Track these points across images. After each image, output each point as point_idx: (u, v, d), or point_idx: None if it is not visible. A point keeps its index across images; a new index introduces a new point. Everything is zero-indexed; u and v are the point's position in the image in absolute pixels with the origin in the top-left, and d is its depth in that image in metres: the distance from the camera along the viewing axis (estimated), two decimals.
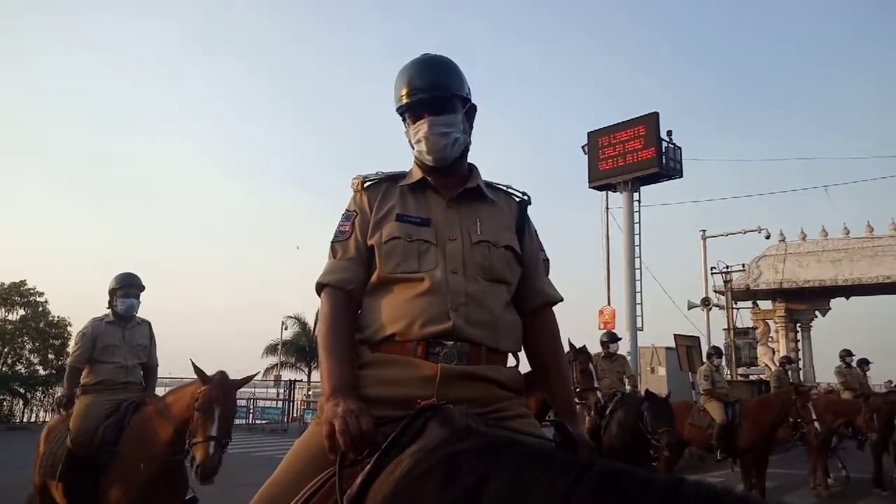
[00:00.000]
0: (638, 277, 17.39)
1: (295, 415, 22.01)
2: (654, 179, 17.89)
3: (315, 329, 1.73)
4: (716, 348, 9.65)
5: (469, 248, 1.66)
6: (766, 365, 23.06)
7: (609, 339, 8.46)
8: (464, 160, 1.80)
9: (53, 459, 4.29)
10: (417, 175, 1.76)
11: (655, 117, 17.65)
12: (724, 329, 22.27)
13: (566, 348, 1.98)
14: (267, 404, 22.84)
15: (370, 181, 1.78)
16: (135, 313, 4.77)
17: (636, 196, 17.83)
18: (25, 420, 19.37)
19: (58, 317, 20.56)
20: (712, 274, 22.75)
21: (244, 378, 4.05)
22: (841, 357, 11.12)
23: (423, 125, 1.70)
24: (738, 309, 23.49)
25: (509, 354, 1.71)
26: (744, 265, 24.08)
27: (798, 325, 25.64)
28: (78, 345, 4.60)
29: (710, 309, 21.93)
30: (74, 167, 76.49)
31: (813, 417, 7.43)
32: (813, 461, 9.15)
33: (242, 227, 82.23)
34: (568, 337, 6.27)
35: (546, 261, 1.86)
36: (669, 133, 17.74)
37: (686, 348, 17.67)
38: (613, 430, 6.74)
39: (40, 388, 19.81)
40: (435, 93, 1.70)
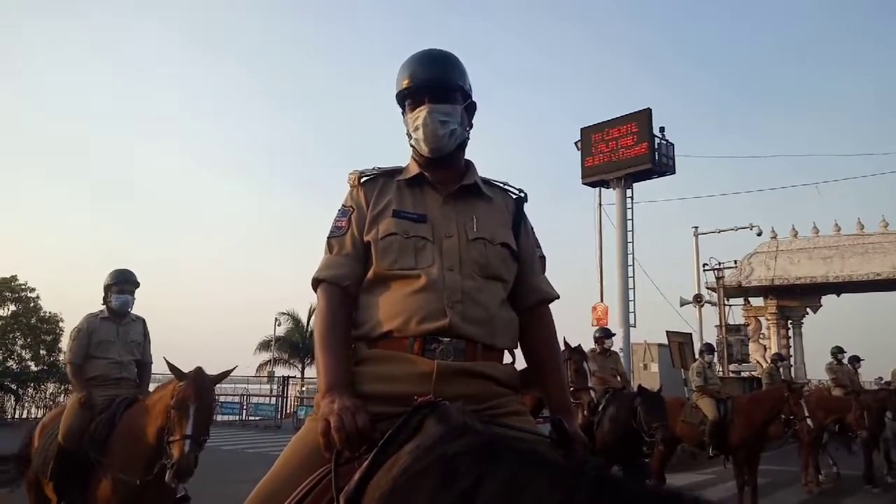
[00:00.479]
0: (631, 274, 17.46)
1: (288, 411, 21.94)
2: (647, 176, 17.94)
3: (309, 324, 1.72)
4: (708, 345, 9.69)
5: (465, 245, 1.66)
6: (758, 362, 23.21)
7: (603, 335, 8.52)
8: (461, 155, 1.79)
9: (46, 456, 4.28)
10: (414, 170, 1.75)
11: (648, 114, 17.68)
12: (717, 326, 22.41)
13: (561, 346, 1.99)
14: (260, 401, 22.78)
15: (367, 176, 1.77)
16: (129, 310, 4.76)
17: (629, 192, 17.87)
18: (17, 416, 19.26)
19: (49, 312, 20.45)
20: (704, 271, 22.87)
21: (221, 373, 4.02)
22: (832, 354, 11.18)
23: (423, 111, 1.69)
24: (730, 306, 23.68)
25: (505, 351, 1.71)
26: (736, 262, 24.19)
27: (789, 322, 25.81)
28: (74, 341, 4.58)
29: (703, 305, 22.01)
30: (69, 164, 76.06)
31: (806, 414, 7.47)
32: (804, 458, 9.22)
33: (236, 225, 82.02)
34: (563, 336, 6.29)
35: (542, 258, 1.87)
36: (662, 129, 17.79)
37: (678, 345, 17.73)
38: (606, 427, 6.76)
39: (32, 385, 19.67)
40: (437, 80, 1.71)
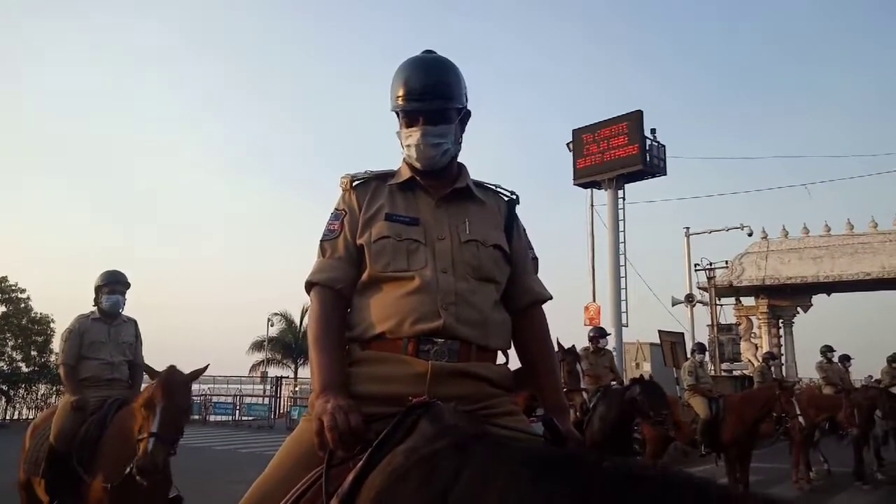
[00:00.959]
0: (623, 274, 17.53)
1: (282, 411, 21.89)
2: (639, 177, 18.02)
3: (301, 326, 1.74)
4: (700, 344, 9.77)
5: (458, 248, 1.67)
6: (749, 360, 23.31)
7: (598, 335, 8.64)
8: (453, 163, 1.80)
9: (37, 456, 4.27)
10: (406, 174, 1.75)
11: (639, 115, 17.76)
12: (708, 325, 22.50)
13: (555, 347, 2.00)
14: (253, 401, 22.75)
15: (359, 180, 1.77)
16: (120, 310, 4.75)
17: (620, 193, 17.94)
18: (8, 418, 19.15)
19: (40, 313, 20.35)
20: (696, 271, 22.97)
21: (193, 372, 4.01)
22: (822, 353, 11.25)
23: (416, 133, 1.69)
24: (722, 305, 23.75)
25: (498, 352, 1.72)
26: (727, 262, 24.30)
27: (780, 321, 25.92)
28: (66, 342, 4.57)
29: (694, 305, 22.12)
30: (60, 162, 75.65)
31: (797, 412, 7.52)
32: (795, 455, 9.27)
33: (230, 224, 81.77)
34: (556, 336, 6.31)
35: (535, 259, 1.88)
36: (653, 131, 17.87)
37: (670, 344, 17.83)
38: (595, 426, 6.79)
39: (23, 386, 19.56)
40: (431, 104, 1.68)
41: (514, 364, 1.83)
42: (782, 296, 25.13)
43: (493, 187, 1.86)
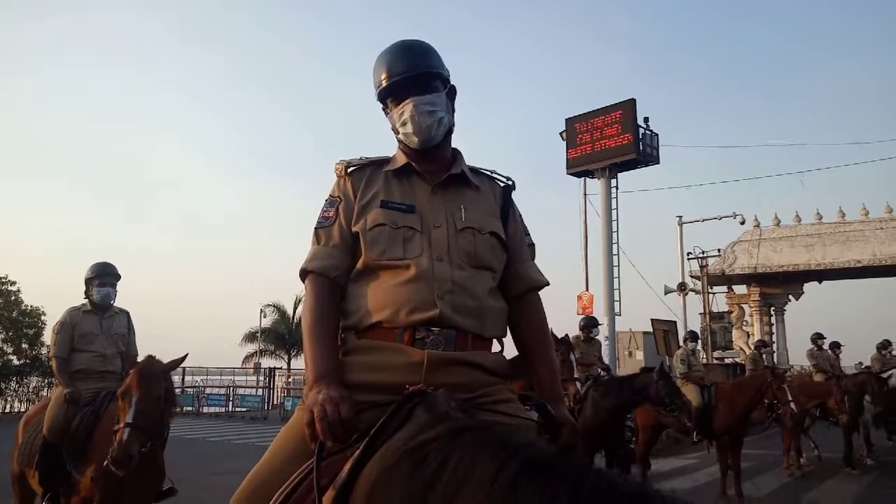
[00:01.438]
0: (616, 263, 17.51)
1: (275, 402, 21.93)
2: (632, 166, 17.98)
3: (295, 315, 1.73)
4: (692, 332, 9.80)
5: (454, 235, 1.66)
6: (741, 348, 23.47)
7: (590, 324, 8.66)
8: (448, 143, 1.79)
9: (31, 449, 4.26)
10: (402, 160, 1.74)
11: (632, 104, 17.70)
12: (700, 313, 22.58)
13: None
14: (247, 392, 22.75)
15: (354, 166, 1.75)
16: (112, 302, 4.73)
17: (613, 182, 17.90)
18: (0, 411, 19.09)
19: (31, 306, 20.24)
20: (688, 259, 23.04)
21: (171, 362, 4.00)
22: (813, 340, 11.32)
23: (408, 105, 1.68)
24: (714, 293, 23.84)
25: (494, 340, 1.71)
26: (719, 250, 24.38)
27: (772, 309, 26.05)
28: (58, 334, 4.55)
29: (687, 294, 22.20)
30: (51, 153, 75.02)
31: (789, 399, 7.57)
32: (786, 442, 9.35)
33: (223, 216, 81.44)
34: (550, 325, 6.31)
35: (531, 245, 1.86)
36: (646, 120, 17.81)
37: (663, 332, 17.91)
38: (588, 412, 6.81)
39: (14, 379, 19.50)
40: (417, 71, 1.69)
41: (510, 352, 1.82)
42: (774, 284, 25.25)
43: (489, 173, 1.85)
